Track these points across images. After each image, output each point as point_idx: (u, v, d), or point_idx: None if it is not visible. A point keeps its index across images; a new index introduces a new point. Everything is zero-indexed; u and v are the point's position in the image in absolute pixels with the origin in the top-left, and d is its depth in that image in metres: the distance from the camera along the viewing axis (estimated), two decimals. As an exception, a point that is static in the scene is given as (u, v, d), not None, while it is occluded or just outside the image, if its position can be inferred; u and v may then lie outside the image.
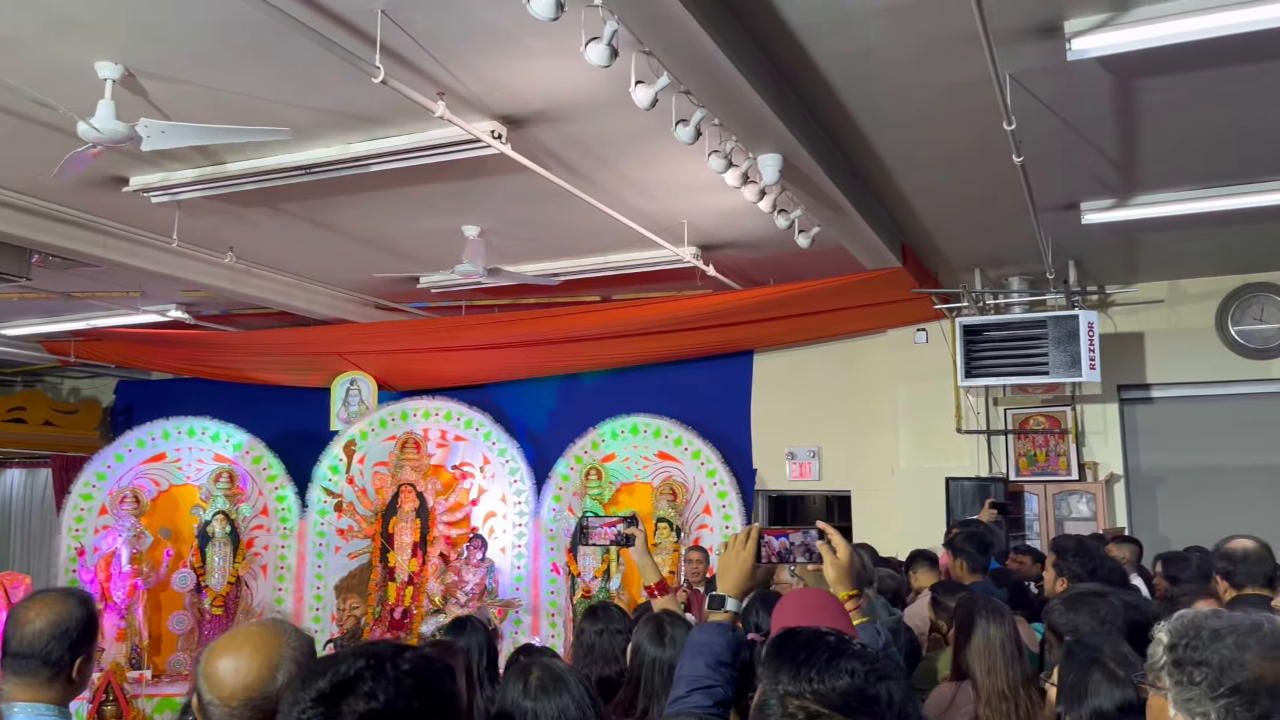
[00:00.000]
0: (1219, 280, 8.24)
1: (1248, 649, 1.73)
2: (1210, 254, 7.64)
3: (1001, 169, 5.15)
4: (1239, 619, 1.80)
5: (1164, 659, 1.81)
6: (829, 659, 1.47)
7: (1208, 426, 8.35)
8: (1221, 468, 8.22)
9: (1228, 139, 5.35)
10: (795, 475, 9.50)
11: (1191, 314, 8.34)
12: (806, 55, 4.37)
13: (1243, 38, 4.06)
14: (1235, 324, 8.21)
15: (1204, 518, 7.78)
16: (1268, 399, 8.17)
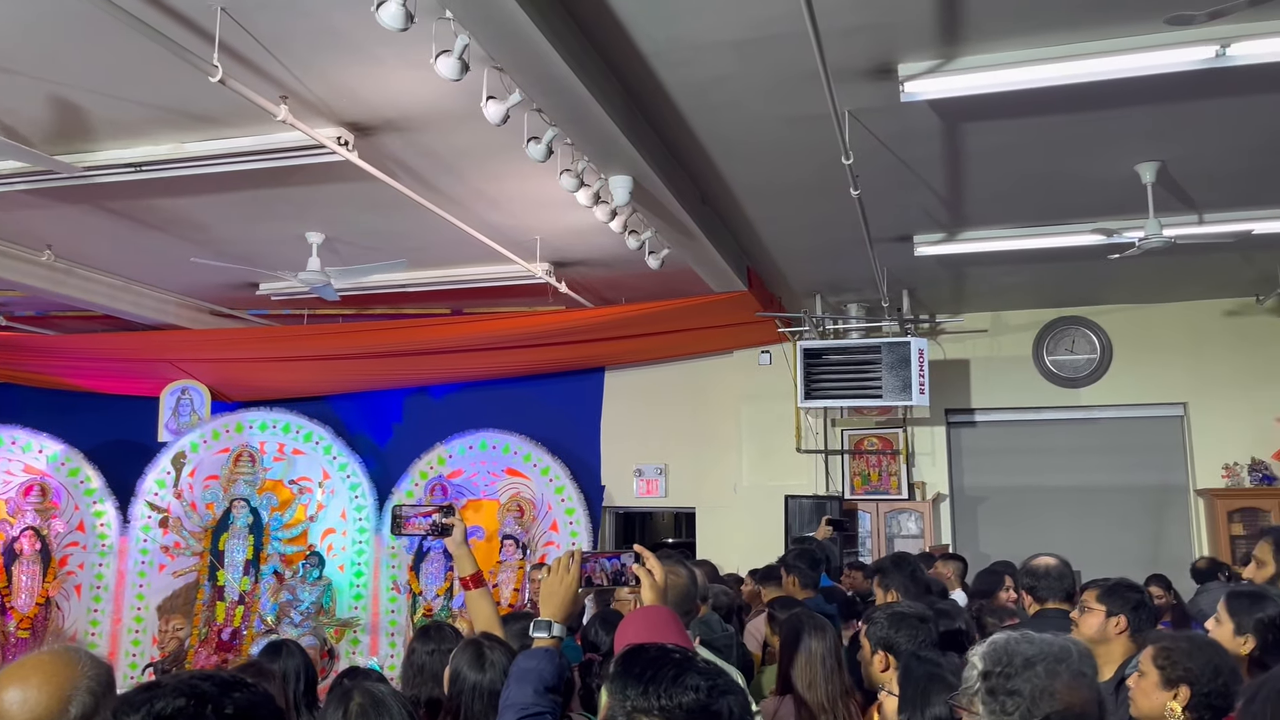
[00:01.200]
0: (1036, 313, 8.85)
1: (1057, 677, 1.82)
2: (1029, 288, 8.19)
3: (841, 201, 5.37)
4: (1049, 645, 1.89)
5: (978, 685, 1.89)
6: (675, 675, 1.49)
7: (1024, 449, 8.93)
8: (1036, 488, 8.80)
9: (1045, 183, 5.75)
10: (642, 492, 9.59)
11: (1012, 343, 8.91)
12: (658, 82, 4.46)
13: (1060, 89, 4.38)
14: (1050, 354, 8.83)
15: (1020, 535, 8.33)
16: (1077, 424, 8.81)
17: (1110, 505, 8.56)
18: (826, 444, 9.10)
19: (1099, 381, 8.69)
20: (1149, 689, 2.55)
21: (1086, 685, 1.88)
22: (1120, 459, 8.65)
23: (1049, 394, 8.83)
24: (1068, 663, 1.86)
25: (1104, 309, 8.65)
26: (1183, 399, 8.44)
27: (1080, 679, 1.87)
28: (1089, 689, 1.88)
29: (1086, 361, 8.74)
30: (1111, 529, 8.48)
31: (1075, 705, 1.81)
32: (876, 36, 4.03)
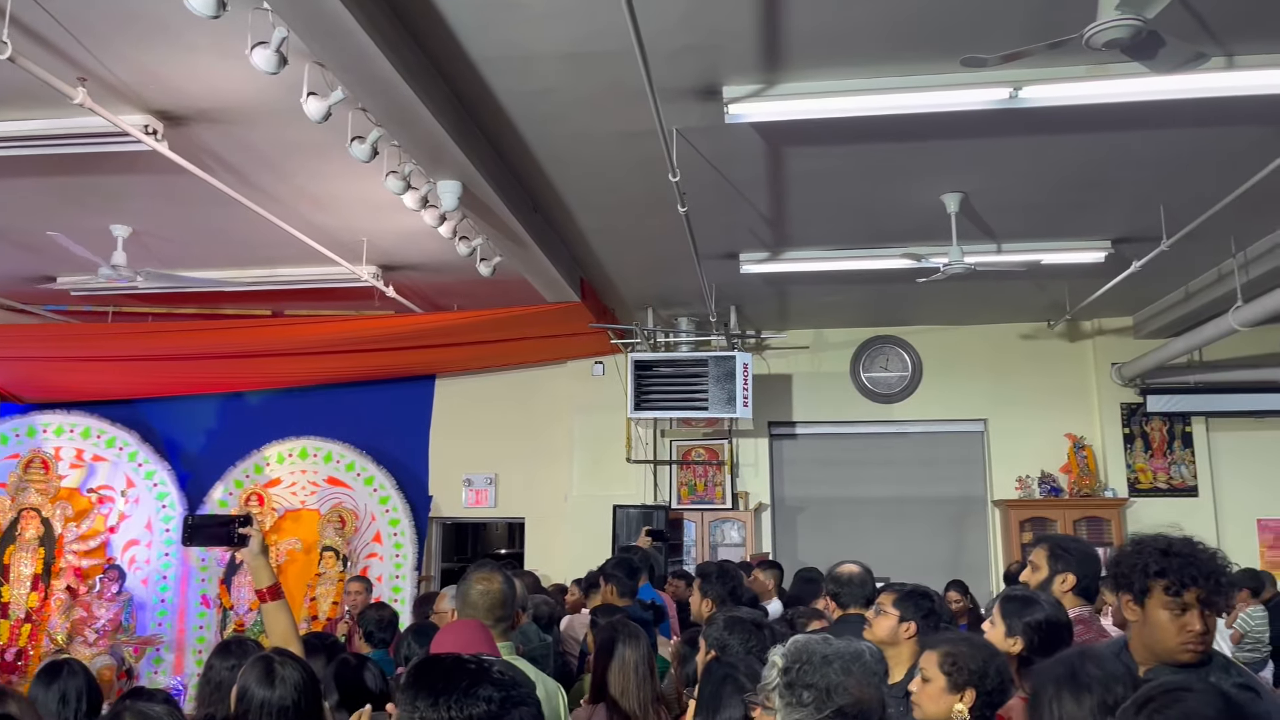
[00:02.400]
0: (854, 331, 9.28)
1: (850, 674, 1.96)
2: (848, 308, 8.59)
3: (670, 216, 5.48)
4: (845, 646, 2.03)
5: (777, 681, 2.00)
6: (468, 686, 1.49)
7: (841, 461, 9.33)
8: (851, 498, 9.21)
9: (861, 208, 6.05)
10: (472, 502, 9.47)
11: (831, 360, 9.32)
12: (488, 89, 4.43)
13: (874, 120, 4.64)
14: (865, 371, 9.28)
15: (836, 543, 8.70)
16: (889, 438, 9.28)
17: (918, 515, 9.06)
18: (656, 454, 9.24)
19: (910, 398, 9.19)
20: (935, 694, 2.70)
21: (875, 684, 2.02)
22: (928, 471, 9.17)
23: (865, 409, 9.27)
24: (861, 662, 2.00)
25: (915, 329, 9.17)
26: (983, 415, 9.04)
27: (871, 677, 2.01)
28: (876, 688, 2.03)
29: (899, 379, 9.23)
30: (919, 537, 8.97)
31: (864, 701, 1.96)
32: (702, 58, 4.14)
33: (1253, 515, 8.46)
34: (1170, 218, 5.84)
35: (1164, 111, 4.56)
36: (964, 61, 3.39)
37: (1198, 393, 8.47)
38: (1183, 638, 2.24)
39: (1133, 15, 2.92)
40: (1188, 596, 2.22)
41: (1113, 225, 6.30)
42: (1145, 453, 8.63)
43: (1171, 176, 5.45)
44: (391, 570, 8.81)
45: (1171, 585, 2.24)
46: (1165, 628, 2.27)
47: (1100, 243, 6.52)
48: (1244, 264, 6.61)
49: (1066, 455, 8.68)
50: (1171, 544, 2.31)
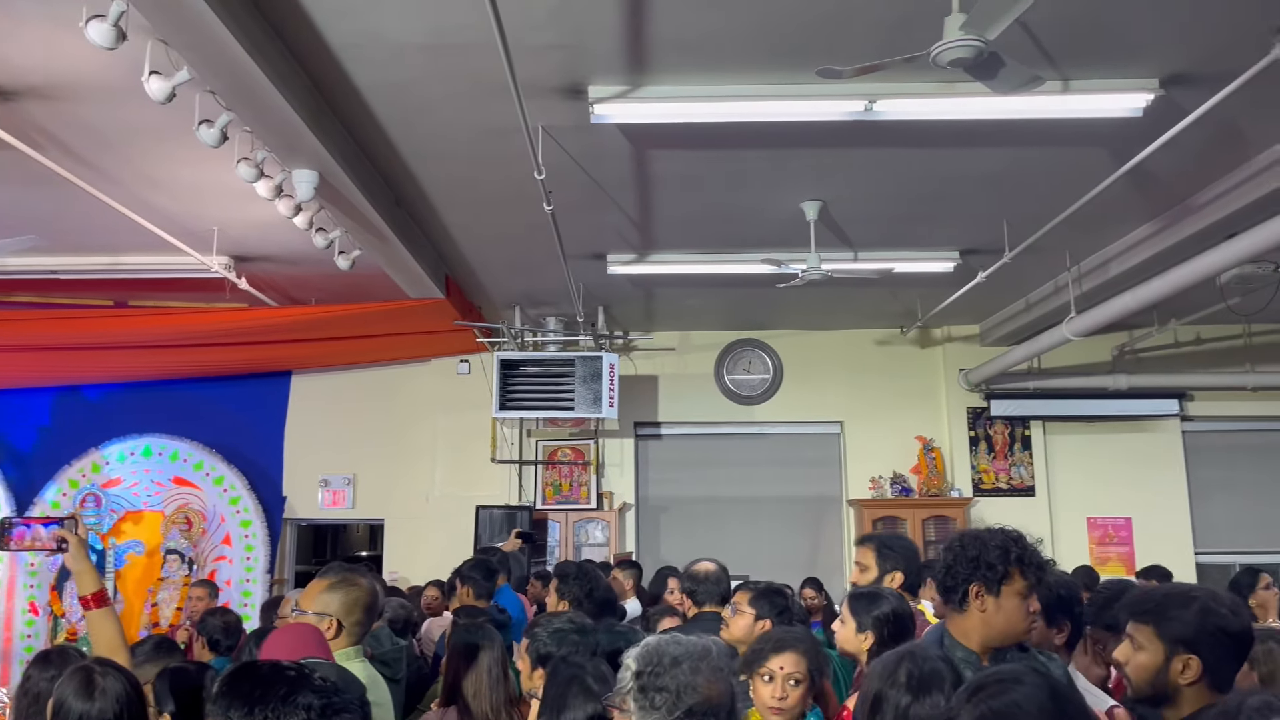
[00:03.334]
0: (719, 334, 9.44)
1: (699, 673, 2.00)
2: (713, 311, 8.73)
3: (537, 215, 5.45)
4: (693, 645, 2.06)
5: (631, 684, 2.02)
6: (286, 694, 1.42)
7: (705, 462, 9.47)
8: (714, 498, 9.36)
9: (724, 213, 6.15)
10: (328, 503, 9.18)
11: (697, 362, 9.45)
12: (347, 77, 4.30)
13: (736, 127, 4.73)
14: (729, 373, 9.45)
15: (698, 542, 8.80)
16: (751, 439, 9.48)
17: (777, 514, 9.29)
18: (521, 454, 9.17)
19: (771, 400, 9.41)
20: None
21: (724, 680, 2.07)
22: (787, 471, 9.41)
23: (728, 410, 9.44)
24: (709, 660, 2.04)
25: (777, 333, 9.40)
26: (840, 418, 9.33)
27: (719, 674, 2.05)
28: (725, 683, 2.07)
29: (761, 381, 9.44)
30: (777, 535, 9.19)
31: (714, 698, 2.00)
32: (568, 56, 4.13)
33: (1084, 513, 9.02)
34: (1013, 231, 6.16)
35: (1007, 130, 4.80)
36: (819, 73, 3.49)
37: (1036, 398, 8.98)
38: (1029, 619, 2.48)
39: (975, 36, 3.06)
40: (1022, 585, 2.45)
41: (961, 237, 6.60)
42: (989, 454, 9.08)
43: (1014, 192, 5.75)
44: (242, 574, 8.46)
45: (1027, 571, 2.46)
46: (1018, 611, 2.46)
47: (949, 254, 6.83)
48: (1077, 277, 7.03)
49: (917, 456, 9.05)
50: (1020, 537, 2.53)
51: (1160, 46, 4.08)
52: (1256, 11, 3.72)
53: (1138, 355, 9.00)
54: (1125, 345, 8.80)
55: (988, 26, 3.02)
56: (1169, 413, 9.01)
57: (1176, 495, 9.00)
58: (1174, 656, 2.06)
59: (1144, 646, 2.11)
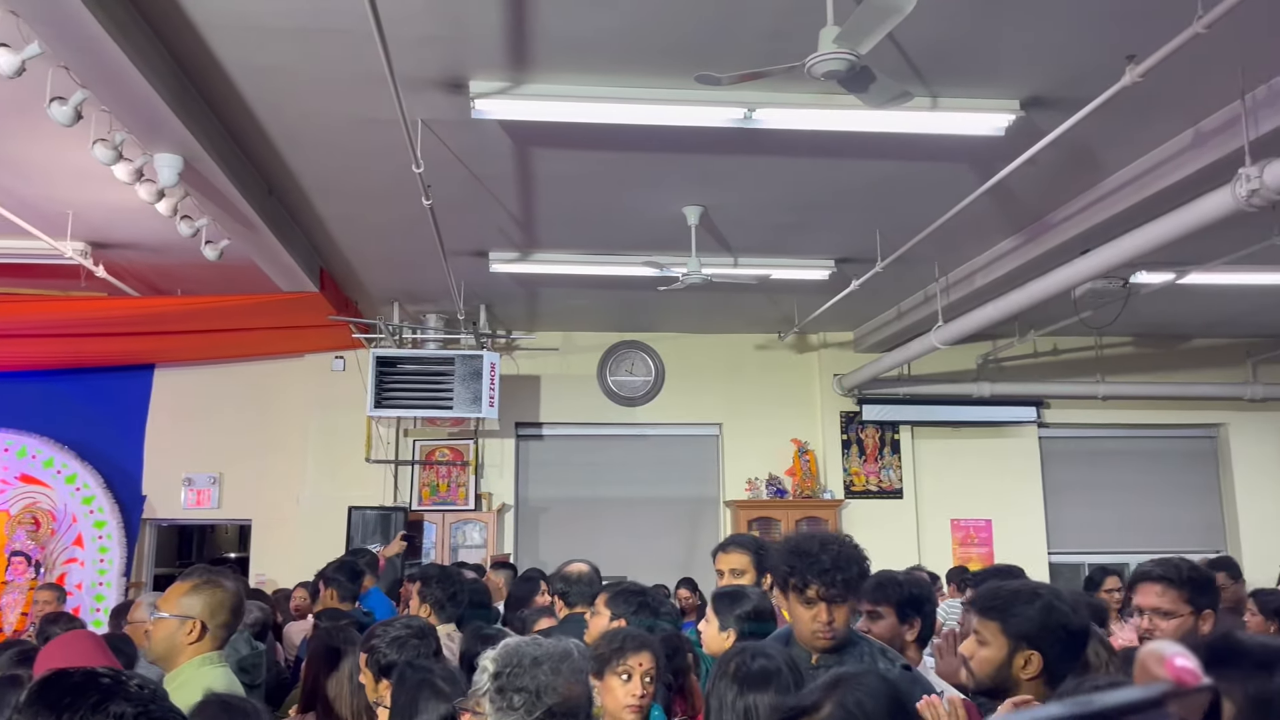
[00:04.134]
0: (603, 335, 9.46)
1: (559, 674, 1.99)
2: (596, 312, 8.73)
3: (416, 209, 5.34)
4: (554, 647, 2.05)
5: (488, 686, 1.99)
6: (98, 702, 1.35)
7: (586, 463, 9.46)
8: (594, 499, 9.36)
9: (607, 214, 6.16)
10: (192, 503, 8.80)
11: (580, 363, 9.44)
12: (214, 58, 4.13)
13: (619, 129, 4.73)
14: (612, 375, 9.47)
15: (577, 543, 8.78)
16: (632, 440, 9.52)
17: (656, 514, 9.35)
18: (397, 454, 8.98)
19: (652, 401, 9.47)
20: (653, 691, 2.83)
21: (582, 682, 2.07)
22: (667, 473, 9.49)
23: (610, 411, 9.46)
24: (569, 661, 2.04)
25: (659, 336, 9.47)
26: (719, 420, 9.47)
27: (579, 676, 2.06)
28: (584, 685, 2.08)
29: (643, 383, 9.50)
30: (656, 536, 9.25)
31: (573, 699, 2.00)
32: (448, 50, 4.06)
33: (948, 515, 9.38)
34: (885, 242, 6.36)
35: (880, 143, 4.95)
36: (698, 79, 3.52)
37: (906, 404, 9.30)
38: (814, 627, 2.48)
39: (848, 50, 3.14)
40: (809, 592, 2.46)
41: (836, 246, 6.78)
42: (860, 457, 9.36)
43: (886, 204, 5.94)
44: (94, 577, 8.02)
45: (797, 583, 2.48)
46: (801, 619, 2.51)
47: (825, 262, 7.00)
48: (945, 288, 7.32)
49: (792, 459, 9.25)
50: (799, 545, 2.54)
51: (1021, 70, 4.28)
52: (1110, 41, 3.94)
53: (1000, 364, 9.42)
54: (989, 354, 9.20)
55: (860, 41, 3.10)
56: (1027, 419, 9.46)
57: (1033, 498, 9.46)
58: (1017, 652, 2.12)
59: (989, 641, 2.16)
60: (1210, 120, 4.66)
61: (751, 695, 2.11)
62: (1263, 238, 5.60)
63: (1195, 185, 4.80)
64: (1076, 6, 3.79)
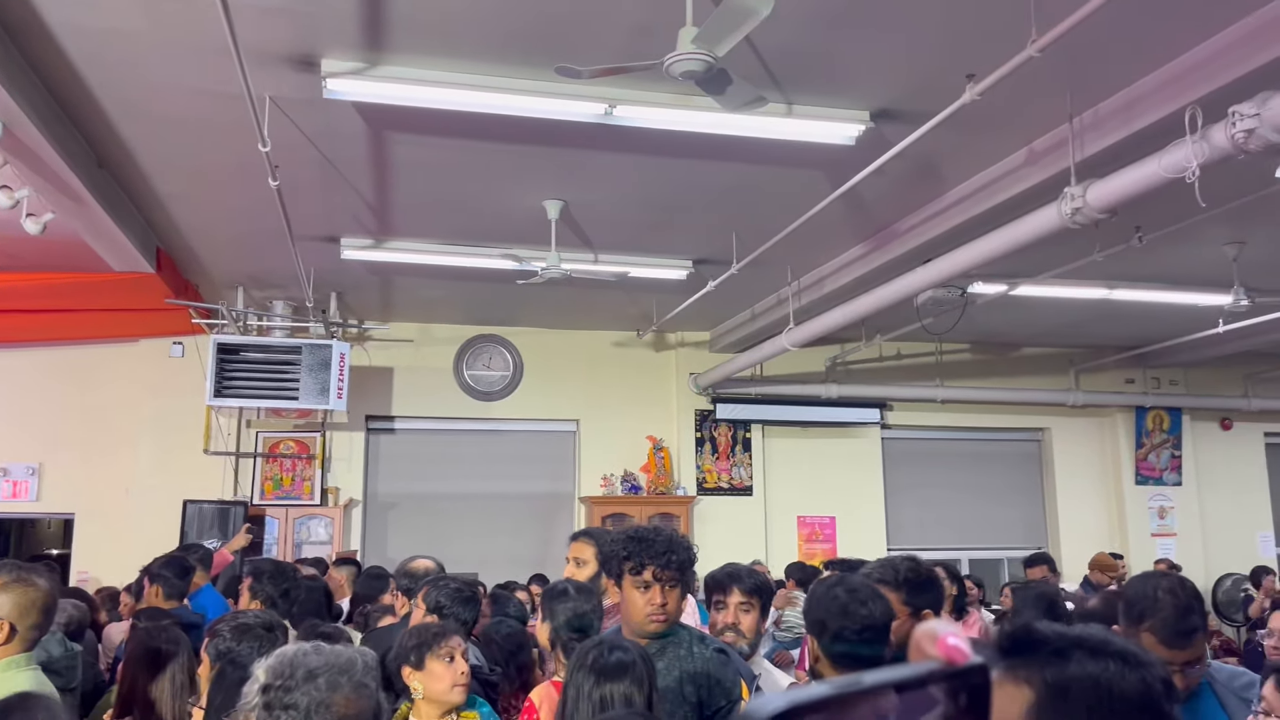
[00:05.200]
0: (460, 328, 9.30)
1: (338, 689, 1.76)
2: (454, 304, 8.58)
3: (263, 190, 5.11)
4: (335, 657, 1.83)
5: (256, 700, 1.76)
6: None
7: (440, 458, 9.29)
8: (447, 495, 9.20)
9: (466, 205, 6.05)
10: (8, 495, 8.19)
11: (435, 356, 9.26)
12: (38, 16, 3.84)
13: (479, 118, 4.64)
14: (469, 368, 9.33)
15: (429, 539, 8.59)
16: (488, 435, 9.41)
17: (511, 511, 9.27)
18: (239, 446, 8.59)
19: (510, 397, 9.38)
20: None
21: (367, 695, 1.84)
22: (523, 469, 9.42)
23: (466, 406, 9.32)
24: (350, 674, 1.81)
25: (518, 330, 9.39)
26: (576, 416, 9.46)
27: (362, 690, 1.82)
28: (369, 699, 1.85)
29: (500, 378, 9.39)
30: (511, 533, 9.17)
31: (352, 716, 1.77)
32: (298, 24, 3.90)
33: (795, 512, 9.66)
34: (741, 244, 6.49)
35: (738, 146, 5.03)
36: (558, 70, 3.50)
37: (758, 403, 9.53)
38: (648, 610, 2.55)
39: (705, 51, 3.18)
40: (646, 574, 2.54)
41: (694, 246, 6.87)
42: (713, 455, 9.53)
43: (743, 207, 6.06)
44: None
45: (634, 566, 2.55)
46: (635, 603, 2.57)
47: (683, 262, 7.09)
48: (797, 291, 7.53)
49: (647, 456, 9.34)
50: (637, 531, 2.64)
51: (871, 82, 4.44)
52: (952, 59, 4.13)
53: (847, 367, 9.77)
54: (837, 357, 9.52)
55: (718, 43, 3.15)
56: (871, 421, 9.85)
57: (874, 497, 9.85)
58: None
59: None
60: (1042, 141, 4.95)
61: (608, 686, 2.17)
62: (1086, 254, 5.99)
63: (1027, 202, 5.09)
64: (922, 24, 3.96)
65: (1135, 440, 10.36)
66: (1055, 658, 0.90)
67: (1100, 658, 0.90)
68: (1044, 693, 0.88)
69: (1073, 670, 0.89)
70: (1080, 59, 4.10)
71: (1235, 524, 10.52)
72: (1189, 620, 2.21)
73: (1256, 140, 3.54)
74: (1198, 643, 2.24)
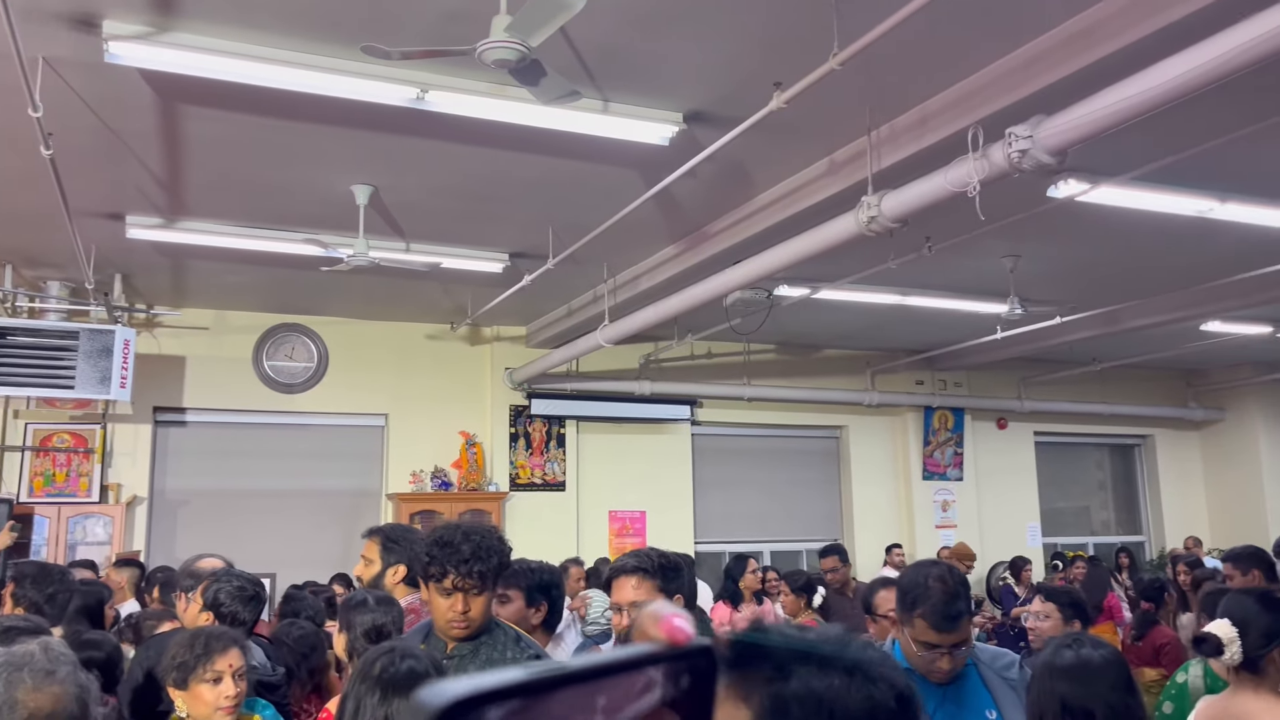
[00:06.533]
0: (260, 316, 8.84)
1: (18, 685, 1.70)
2: (254, 290, 8.13)
3: (35, 160, 4.66)
4: (11, 655, 1.75)
5: None
6: None
7: (236, 452, 8.80)
8: (245, 491, 8.72)
9: (267, 186, 5.74)
10: None
11: (233, 344, 8.76)
12: None
13: (283, 95, 4.39)
14: (270, 359, 8.89)
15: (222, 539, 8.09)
16: (290, 429, 8.99)
17: (313, 508, 8.89)
18: (4, 439, 7.84)
19: (314, 389, 9.00)
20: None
21: (58, 682, 1.78)
22: (328, 465, 9.05)
23: (266, 398, 8.86)
24: (30, 668, 1.76)
25: (325, 320, 9.02)
26: (385, 410, 9.19)
27: (47, 679, 1.76)
28: (62, 685, 1.79)
29: (304, 369, 9.00)
30: (312, 531, 8.79)
31: (44, 709, 1.72)
32: (76, -21, 3.59)
33: (606, 507, 9.75)
34: (557, 239, 6.48)
35: (556, 140, 5.00)
36: (364, 49, 3.37)
37: (573, 399, 9.55)
38: (449, 617, 2.48)
39: (518, 40, 3.14)
40: (447, 582, 2.47)
41: (511, 240, 6.81)
42: (527, 451, 9.48)
43: (560, 202, 6.04)
44: None
45: (436, 572, 2.48)
46: (439, 608, 2.50)
47: (499, 254, 7.01)
48: (613, 289, 7.59)
49: (459, 452, 9.18)
50: (442, 535, 2.54)
51: (684, 84, 4.52)
52: (761, 66, 4.26)
53: (660, 365, 9.94)
54: (650, 355, 9.67)
55: (531, 33, 3.12)
56: (682, 418, 10.07)
57: (683, 492, 10.08)
58: None
59: None
60: (843, 151, 5.20)
61: (396, 700, 1.99)
62: (882, 261, 6.33)
63: (829, 209, 5.32)
64: (733, 30, 4.06)
65: (923, 438, 11.07)
66: (777, 673, 0.82)
67: (827, 672, 0.82)
68: (762, 712, 0.80)
69: (794, 687, 0.81)
70: (878, 75, 4.32)
71: (1008, 516, 11.43)
72: (955, 606, 2.36)
73: (1029, 160, 3.84)
74: (964, 626, 2.40)
